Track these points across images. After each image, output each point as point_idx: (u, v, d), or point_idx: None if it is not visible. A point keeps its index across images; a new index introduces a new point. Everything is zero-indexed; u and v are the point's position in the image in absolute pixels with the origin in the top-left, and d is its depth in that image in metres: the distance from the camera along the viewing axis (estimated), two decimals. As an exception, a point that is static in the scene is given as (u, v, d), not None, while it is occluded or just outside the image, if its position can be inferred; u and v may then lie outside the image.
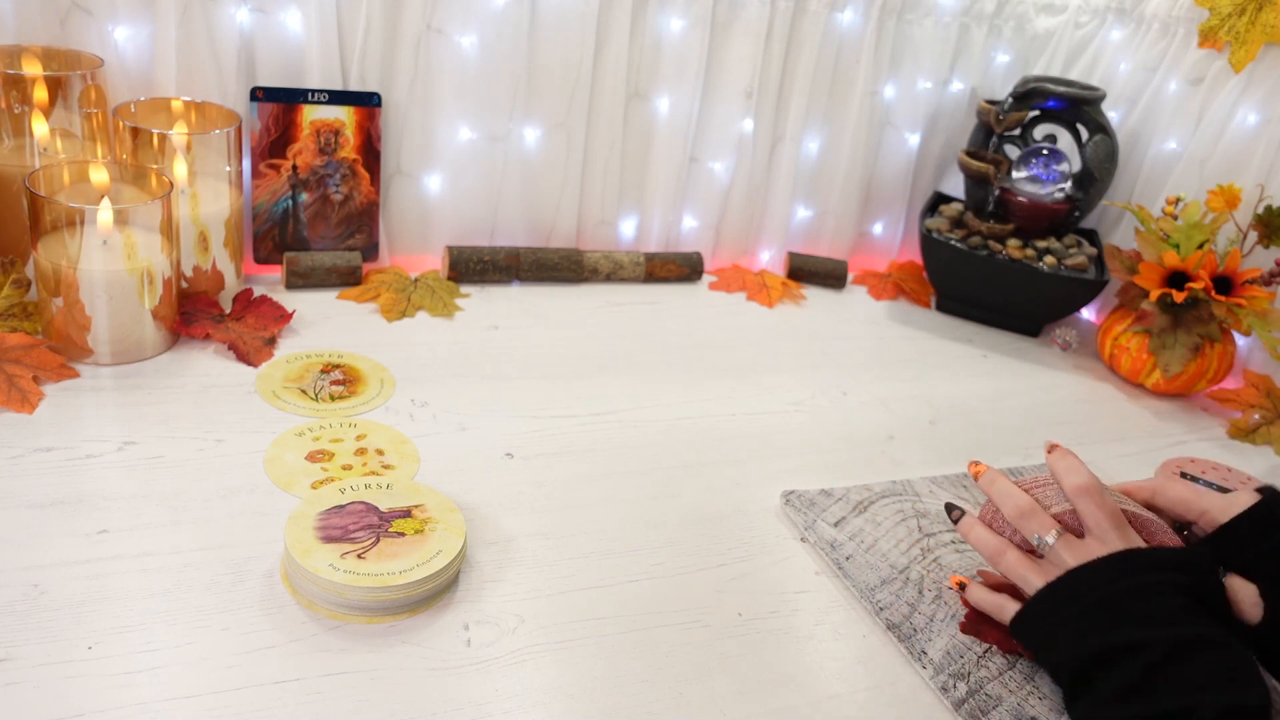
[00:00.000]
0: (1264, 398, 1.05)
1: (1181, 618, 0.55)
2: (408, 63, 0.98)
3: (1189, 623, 0.55)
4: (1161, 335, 1.05)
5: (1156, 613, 0.56)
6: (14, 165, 0.82)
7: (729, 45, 1.10)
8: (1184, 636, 0.54)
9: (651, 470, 0.79)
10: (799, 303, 1.17)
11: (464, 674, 0.57)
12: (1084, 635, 0.57)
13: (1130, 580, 0.58)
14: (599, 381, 0.91)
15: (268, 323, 0.89)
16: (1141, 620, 0.56)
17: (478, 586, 0.63)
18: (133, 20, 0.88)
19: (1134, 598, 0.57)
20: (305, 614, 0.59)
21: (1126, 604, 0.57)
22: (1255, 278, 1.02)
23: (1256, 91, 1.09)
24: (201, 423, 0.75)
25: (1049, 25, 1.28)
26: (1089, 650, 0.57)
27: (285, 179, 0.97)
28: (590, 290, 1.10)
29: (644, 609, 0.64)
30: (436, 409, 0.82)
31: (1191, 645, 0.54)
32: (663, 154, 1.12)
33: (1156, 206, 1.17)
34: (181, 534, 0.63)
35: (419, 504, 0.66)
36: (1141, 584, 0.57)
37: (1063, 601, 0.59)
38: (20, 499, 0.64)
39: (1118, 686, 0.54)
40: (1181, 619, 0.55)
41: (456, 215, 1.06)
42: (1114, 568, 0.59)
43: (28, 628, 0.55)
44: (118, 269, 0.77)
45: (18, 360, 0.75)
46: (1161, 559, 0.59)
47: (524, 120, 1.05)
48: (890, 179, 1.27)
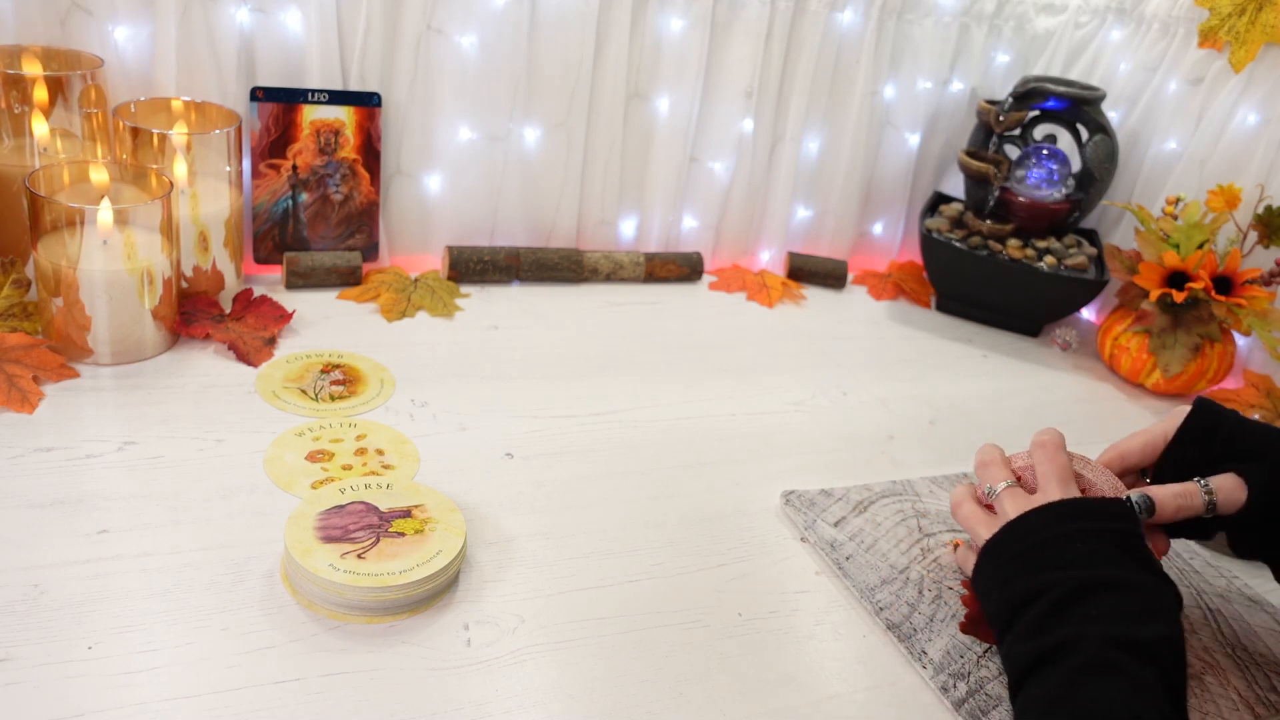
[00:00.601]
0: (1264, 398, 1.05)
1: (1099, 561, 0.58)
2: (408, 63, 0.98)
3: (1103, 565, 0.57)
4: (1161, 335, 1.05)
5: (1076, 557, 0.58)
6: (14, 165, 0.82)
7: (729, 45, 1.10)
8: (1093, 577, 0.57)
9: (651, 470, 0.79)
10: (799, 303, 1.17)
11: (464, 674, 0.57)
12: (1011, 581, 0.60)
13: (1057, 528, 0.60)
14: (599, 381, 0.91)
15: (268, 323, 0.89)
16: (1061, 564, 0.58)
17: (478, 586, 0.64)
18: (133, 20, 0.88)
19: (1058, 544, 0.59)
20: (305, 614, 0.59)
21: (1051, 550, 0.59)
22: (1255, 278, 1.02)
23: (1256, 91, 1.09)
24: (201, 423, 0.75)
25: (1049, 25, 1.28)
26: (1014, 594, 0.59)
27: (285, 179, 0.97)
28: (590, 290, 1.10)
29: (644, 609, 0.64)
30: (436, 409, 0.82)
31: (1097, 584, 0.56)
32: (663, 154, 1.12)
33: (1156, 206, 1.17)
34: (181, 534, 0.63)
35: (419, 504, 0.66)
36: (1066, 531, 0.60)
37: (1000, 551, 0.62)
38: (20, 499, 0.64)
39: (1027, 623, 0.57)
40: (1098, 562, 0.58)
41: (456, 215, 1.06)
42: (1043, 516, 0.61)
43: (28, 628, 0.55)
44: (118, 269, 0.77)
45: (18, 360, 0.76)
46: (1088, 508, 0.61)
47: (524, 120, 1.05)
48: (890, 179, 1.27)
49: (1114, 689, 0.51)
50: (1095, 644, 0.53)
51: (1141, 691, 0.51)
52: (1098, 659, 0.52)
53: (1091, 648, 0.53)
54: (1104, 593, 0.56)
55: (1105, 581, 0.56)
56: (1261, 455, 0.65)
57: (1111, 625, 0.54)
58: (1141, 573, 0.58)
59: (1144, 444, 0.69)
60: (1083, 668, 0.52)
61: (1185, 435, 0.68)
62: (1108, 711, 0.50)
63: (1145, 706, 0.50)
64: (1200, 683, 0.64)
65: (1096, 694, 0.51)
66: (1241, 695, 0.64)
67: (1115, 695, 0.51)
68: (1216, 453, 0.66)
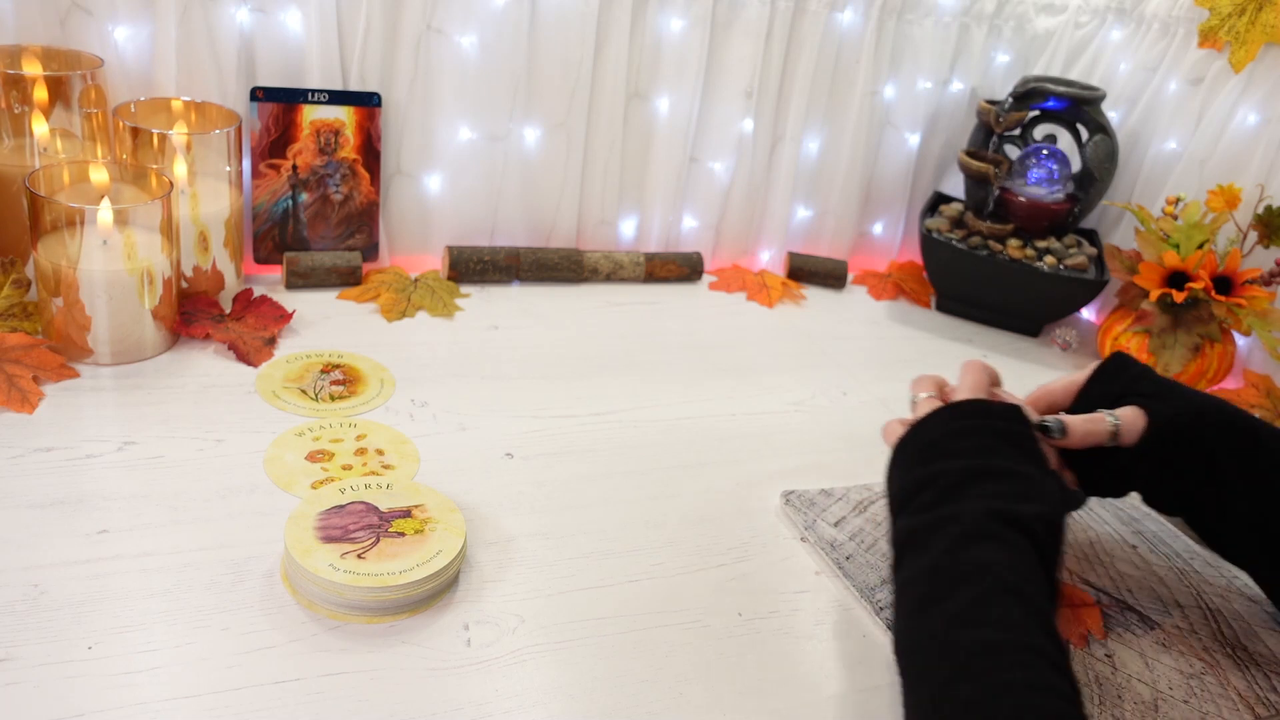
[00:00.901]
0: (1264, 398, 1.05)
1: (988, 453, 0.61)
2: (408, 63, 0.98)
3: (992, 456, 0.61)
4: (1161, 335, 1.05)
5: (967, 449, 0.62)
6: (14, 165, 0.82)
7: (729, 45, 1.10)
8: (982, 465, 0.60)
9: (651, 470, 0.79)
10: (799, 303, 1.17)
11: (464, 674, 0.57)
12: (910, 470, 0.64)
13: (955, 424, 0.64)
14: (599, 381, 0.91)
15: (268, 323, 0.89)
16: (952, 454, 0.62)
17: (478, 586, 0.64)
18: (133, 20, 0.88)
19: (954, 437, 0.63)
20: (305, 614, 0.59)
21: (947, 443, 0.63)
22: (1255, 278, 1.02)
23: (1256, 91, 1.09)
24: (201, 423, 0.75)
25: (1049, 25, 1.28)
26: (909, 480, 0.63)
27: (285, 179, 0.97)
28: (590, 290, 1.10)
29: (644, 609, 0.64)
30: (436, 409, 0.82)
31: (984, 471, 0.60)
32: (663, 154, 1.12)
33: (1156, 206, 1.17)
34: (181, 534, 0.63)
35: (419, 504, 0.66)
36: (961, 427, 0.64)
37: (905, 446, 0.66)
38: (20, 499, 0.64)
39: (916, 506, 0.60)
40: (987, 454, 0.61)
41: (456, 215, 1.06)
42: (944, 415, 0.65)
43: (28, 628, 0.55)
44: (118, 269, 0.77)
45: (18, 360, 0.76)
46: (985, 407, 0.65)
47: (524, 120, 1.05)
48: (890, 179, 1.27)
49: (990, 552, 0.54)
50: (974, 516, 0.56)
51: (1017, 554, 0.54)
52: (975, 528, 0.56)
53: (970, 519, 0.56)
54: (990, 479, 0.59)
55: (992, 470, 0.60)
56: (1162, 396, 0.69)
57: (992, 501, 0.57)
58: (1027, 464, 0.62)
59: (1066, 384, 0.74)
60: (961, 535, 0.56)
61: (1099, 376, 0.73)
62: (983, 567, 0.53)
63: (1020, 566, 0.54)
64: (1200, 683, 0.64)
65: (974, 556, 0.54)
66: (1241, 695, 0.64)
67: (992, 556, 0.54)
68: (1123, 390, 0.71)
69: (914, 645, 0.54)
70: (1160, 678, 0.64)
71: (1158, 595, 0.72)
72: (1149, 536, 0.80)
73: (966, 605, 0.52)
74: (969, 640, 0.51)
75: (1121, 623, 0.69)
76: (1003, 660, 0.49)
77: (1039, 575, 0.55)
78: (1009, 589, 0.53)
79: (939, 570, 0.55)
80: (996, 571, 0.53)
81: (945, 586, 0.54)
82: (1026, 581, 0.53)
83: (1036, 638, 0.51)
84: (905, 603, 0.56)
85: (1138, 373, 0.73)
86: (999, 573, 0.53)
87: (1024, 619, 0.51)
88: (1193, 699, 0.63)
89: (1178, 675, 0.65)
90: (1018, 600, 0.52)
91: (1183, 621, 0.70)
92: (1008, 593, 0.52)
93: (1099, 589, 0.72)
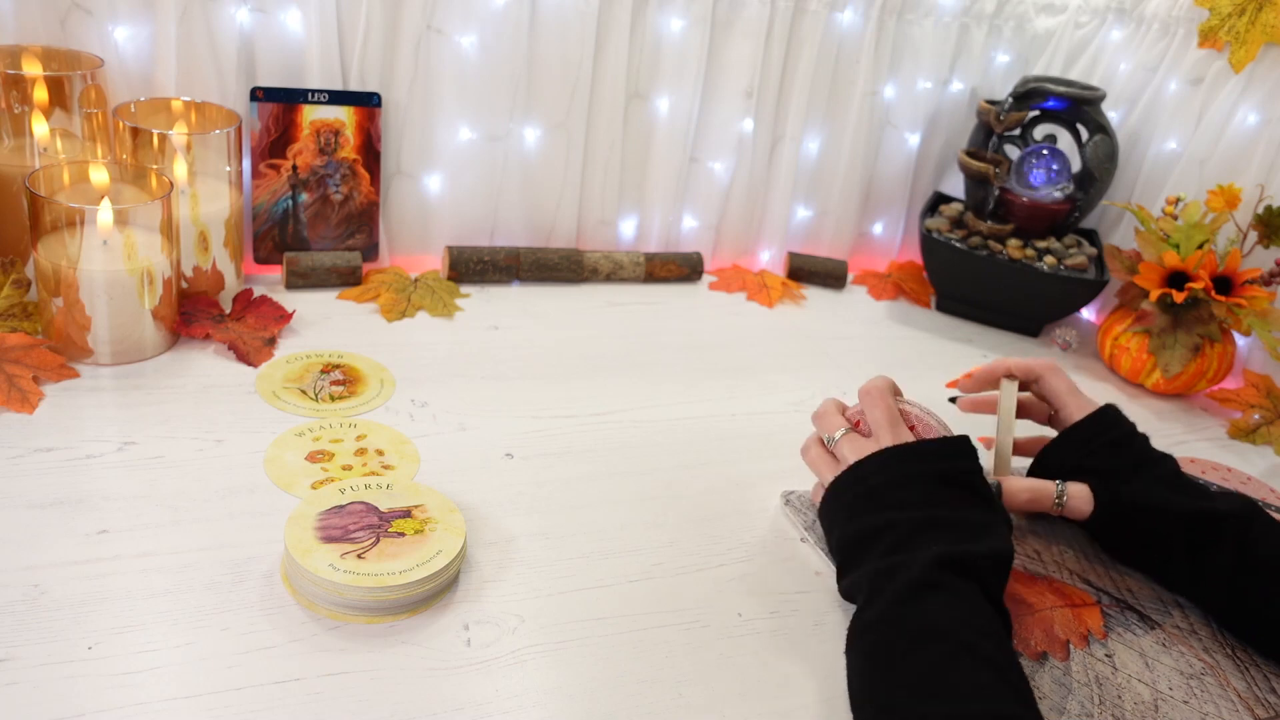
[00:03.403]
0: (1264, 398, 1.05)
1: (930, 502, 0.63)
2: (408, 63, 0.98)
3: (935, 505, 0.63)
4: (1161, 335, 1.05)
5: (909, 498, 0.63)
6: (14, 165, 0.82)
7: (729, 45, 1.10)
8: (928, 516, 0.62)
9: (651, 470, 0.79)
10: (799, 303, 1.17)
11: (464, 674, 0.57)
12: (850, 520, 0.65)
13: (892, 472, 0.65)
14: (599, 381, 0.91)
15: (268, 323, 0.89)
16: (895, 505, 0.63)
17: (478, 586, 0.63)
18: (133, 20, 0.88)
19: (892, 487, 0.64)
20: (305, 614, 0.59)
21: (885, 493, 0.64)
22: (1255, 278, 1.02)
23: (1256, 91, 1.09)
24: (201, 423, 0.75)
25: (1049, 25, 1.28)
26: (857, 530, 0.64)
27: (285, 179, 0.97)
28: (590, 290, 1.10)
29: (644, 609, 0.64)
30: (436, 409, 0.82)
31: (930, 521, 0.61)
32: (663, 154, 1.12)
33: (1156, 206, 1.17)
34: (181, 534, 0.63)
35: (419, 504, 0.66)
36: (901, 475, 0.65)
37: (841, 492, 0.67)
38: (20, 499, 0.64)
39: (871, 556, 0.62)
40: (930, 503, 0.63)
41: (456, 215, 1.06)
42: (879, 461, 0.66)
43: (28, 628, 0.55)
44: (118, 269, 0.77)
45: (18, 360, 0.75)
46: (920, 451, 0.66)
47: (524, 120, 1.05)
48: (890, 179, 1.27)
49: (940, 608, 0.56)
50: (922, 565, 0.58)
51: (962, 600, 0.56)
52: (921, 578, 0.57)
53: (919, 568, 0.58)
54: (936, 527, 0.61)
55: (937, 520, 0.62)
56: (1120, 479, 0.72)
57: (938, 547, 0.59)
58: (971, 508, 0.64)
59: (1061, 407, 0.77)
60: (908, 585, 0.57)
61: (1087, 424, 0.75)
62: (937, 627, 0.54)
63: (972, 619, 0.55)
64: (1200, 683, 0.64)
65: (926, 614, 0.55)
66: (1241, 695, 0.64)
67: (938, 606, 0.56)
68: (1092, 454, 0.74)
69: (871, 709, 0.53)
70: (1160, 678, 0.64)
71: (1158, 595, 0.72)
72: (1149, 536, 0.80)
73: (925, 673, 0.52)
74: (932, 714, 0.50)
75: (1121, 623, 0.69)
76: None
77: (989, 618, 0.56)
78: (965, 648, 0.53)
79: (891, 625, 0.56)
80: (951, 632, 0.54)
81: (902, 647, 0.54)
82: (982, 636, 0.54)
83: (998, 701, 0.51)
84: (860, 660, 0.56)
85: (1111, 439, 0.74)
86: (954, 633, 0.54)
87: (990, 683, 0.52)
88: (1193, 699, 0.63)
89: (1178, 675, 0.65)
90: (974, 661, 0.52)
91: (1183, 621, 0.70)
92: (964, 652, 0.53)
93: (1099, 589, 0.72)
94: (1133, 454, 0.73)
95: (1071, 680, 0.63)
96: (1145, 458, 0.73)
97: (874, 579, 0.60)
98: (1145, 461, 0.73)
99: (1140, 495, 0.71)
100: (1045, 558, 0.74)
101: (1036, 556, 0.74)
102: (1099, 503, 0.72)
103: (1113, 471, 0.72)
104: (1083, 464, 0.74)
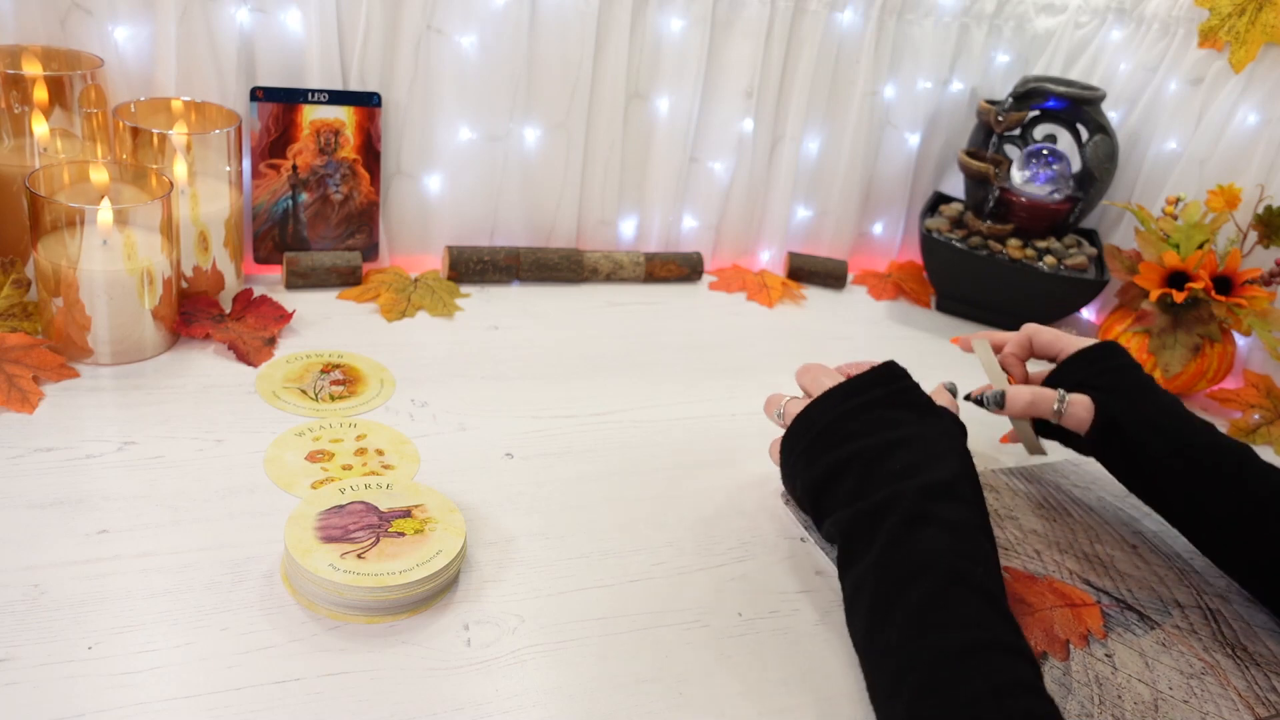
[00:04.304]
0: (1264, 398, 1.05)
1: (881, 425, 0.65)
2: (408, 63, 0.98)
3: (888, 427, 0.65)
4: (1161, 335, 1.05)
5: (862, 428, 0.65)
6: (14, 165, 0.82)
7: (729, 45, 1.10)
8: (884, 439, 0.64)
9: (651, 470, 0.79)
10: (799, 303, 1.17)
11: (464, 674, 0.57)
12: (812, 463, 0.66)
13: (835, 410, 0.67)
14: (599, 381, 0.91)
15: (268, 323, 0.89)
16: (851, 436, 0.65)
17: (478, 586, 0.63)
18: (133, 20, 0.88)
19: (844, 420, 0.66)
20: (305, 614, 0.59)
21: (838, 427, 0.66)
22: (1255, 278, 1.02)
23: (1256, 91, 1.09)
24: (201, 423, 0.75)
25: (1049, 25, 1.28)
26: (818, 472, 0.65)
27: (285, 179, 0.97)
28: (590, 290, 1.10)
29: (644, 609, 0.64)
30: (436, 409, 0.82)
31: (891, 445, 0.63)
32: (663, 154, 1.12)
33: (1156, 206, 1.17)
34: (181, 534, 0.63)
35: (419, 504, 0.66)
36: (848, 408, 0.67)
37: (795, 442, 0.69)
38: (20, 499, 0.64)
39: (842, 494, 0.63)
40: (881, 426, 0.65)
41: (456, 215, 1.06)
42: (819, 406, 0.68)
43: (28, 628, 0.55)
44: (118, 269, 0.77)
45: (18, 360, 0.75)
46: (859, 383, 0.68)
47: (524, 120, 1.05)
48: (890, 179, 1.27)
49: (931, 539, 0.57)
50: (908, 501, 0.59)
51: (958, 533, 0.57)
52: (911, 512, 0.58)
53: (905, 504, 0.59)
54: (897, 450, 0.63)
55: (894, 442, 0.64)
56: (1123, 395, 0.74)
57: (915, 477, 0.60)
58: (920, 423, 0.66)
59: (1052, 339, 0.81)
60: (900, 523, 0.58)
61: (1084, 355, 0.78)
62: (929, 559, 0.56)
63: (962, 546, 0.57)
64: (1200, 682, 0.64)
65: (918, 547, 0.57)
66: (1241, 695, 0.64)
67: (934, 543, 0.57)
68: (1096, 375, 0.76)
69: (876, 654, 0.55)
70: (1160, 678, 0.64)
71: (1158, 595, 0.72)
72: (1149, 536, 0.80)
73: (920, 607, 0.54)
74: (929, 649, 0.52)
75: (1121, 623, 0.69)
76: (967, 666, 0.50)
77: (979, 543, 0.58)
78: (957, 578, 0.54)
79: (886, 567, 0.57)
80: (943, 561, 0.55)
81: (893, 589, 0.55)
82: (974, 563, 0.56)
83: (993, 629, 0.52)
84: (859, 607, 0.57)
85: (1118, 364, 0.76)
86: (946, 562, 0.55)
87: (979, 611, 0.53)
88: (1193, 699, 0.63)
89: (1178, 675, 0.65)
90: (968, 591, 0.54)
91: (1183, 621, 0.70)
92: (957, 584, 0.54)
93: (1099, 589, 0.72)
94: (1137, 379, 0.75)
95: (1071, 680, 0.63)
96: (1149, 385, 0.75)
97: (855, 522, 0.61)
98: (1149, 389, 0.75)
99: (1141, 414, 0.73)
100: (1045, 558, 0.74)
101: (1036, 556, 0.74)
102: (1099, 414, 0.73)
103: (1117, 389, 0.74)
104: (1088, 381, 0.76)
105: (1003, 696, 0.49)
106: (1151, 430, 0.72)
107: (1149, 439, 0.72)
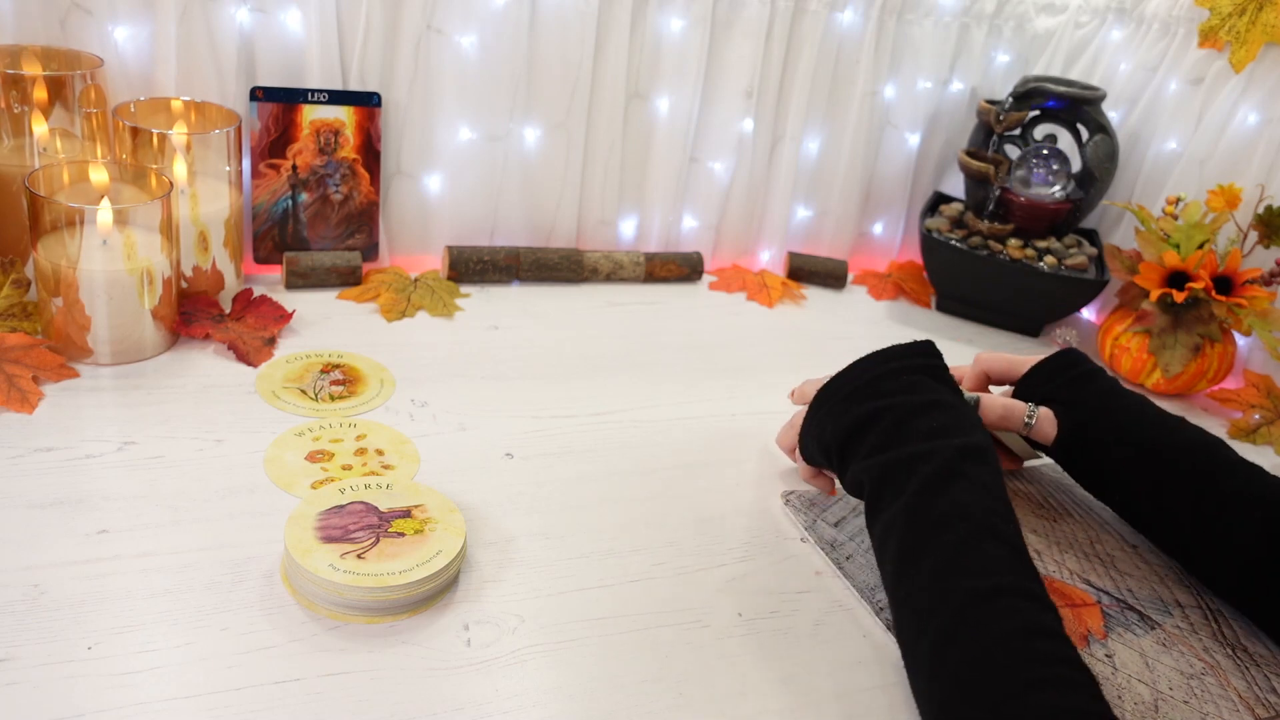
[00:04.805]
0: (1264, 398, 1.05)
1: (919, 388, 0.67)
2: (408, 63, 0.98)
3: (925, 390, 0.66)
4: (1162, 335, 1.05)
5: (899, 387, 0.67)
6: (14, 165, 0.82)
7: (729, 45, 1.10)
8: (922, 400, 0.65)
9: (651, 470, 0.79)
10: (799, 303, 1.17)
11: (464, 674, 0.57)
12: (847, 411, 0.68)
13: (874, 371, 0.69)
14: (599, 381, 0.91)
15: (268, 323, 0.89)
16: (888, 393, 0.67)
17: (478, 586, 0.63)
18: (133, 20, 0.88)
19: (884, 379, 0.68)
20: (305, 614, 0.59)
21: (874, 385, 0.68)
22: (1255, 278, 1.02)
23: (1256, 91, 1.09)
24: (201, 423, 0.75)
25: (1049, 25, 1.28)
26: (850, 420, 0.67)
27: (285, 179, 0.97)
28: (590, 290, 1.10)
29: (644, 609, 0.64)
30: (436, 409, 0.82)
31: (928, 405, 0.65)
32: (663, 154, 1.12)
33: (1156, 206, 1.17)
34: (181, 534, 0.63)
35: (419, 504, 0.66)
36: (884, 371, 0.68)
37: (833, 392, 0.70)
38: (20, 499, 0.64)
39: (873, 443, 0.64)
40: (919, 389, 0.67)
41: (456, 215, 1.06)
42: (864, 363, 0.70)
43: (28, 628, 0.55)
44: (118, 269, 0.77)
45: (18, 360, 0.75)
46: (895, 351, 0.70)
47: (524, 120, 1.05)
48: (890, 179, 1.27)
49: (963, 493, 0.58)
50: (944, 455, 0.61)
51: (986, 488, 0.59)
52: (947, 466, 0.60)
53: (940, 458, 0.60)
54: (934, 410, 0.64)
55: (931, 403, 0.65)
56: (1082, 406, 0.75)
57: (952, 438, 0.62)
58: (954, 395, 0.68)
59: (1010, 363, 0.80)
60: (935, 474, 0.60)
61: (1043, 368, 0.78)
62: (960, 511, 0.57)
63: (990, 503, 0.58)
64: (1200, 683, 0.64)
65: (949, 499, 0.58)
66: (1241, 695, 0.64)
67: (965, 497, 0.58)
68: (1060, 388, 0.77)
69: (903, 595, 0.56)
70: (1160, 678, 0.64)
71: (1158, 595, 0.72)
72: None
73: (951, 554, 0.55)
74: (958, 590, 0.53)
75: (1121, 623, 0.69)
76: (995, 607, 0.52)
77: (1009, 506, 0.60)
78: (990, 530, 0.56)
79: (916, 514, 0.58)
80: (976, 513, 0.57)
81: (926, 533, 0.57)
82: (1005, 522, 0.58)
83: (1020, 578, 0.54)
84: (888, 551, 0.59)
85: (1079, 374, 0.77)
86: (979, 515, 0.57)
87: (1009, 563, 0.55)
88: (1193, 699, 0.63)
89: (1178, 675, 0.64)
90: (999, 543, 0.55)
91: (1183, 621, 0.70)
92: (989, 535, 0.56)
93: (1099, 589, 0.72)
94: (1096, 388, 0.76)
95: (1072, 680, 0.63)
96: (1110, 390, 0.76)
97: (889, 468, 0.62)
98: (1111, 394, 0.76)
99: (1104, 422, 0.74)
100: (1045, 558, 0.74)
101: (1037, 556, 0.74)
102: (1062, 427, 0.74)
103: (1078, 400, 0.75)
104: (1051, 394, 0.76)
105: (1030, 638, 0.50)
106: (1115, 438, 0.73)
107: (1112, 447, 0.73)
